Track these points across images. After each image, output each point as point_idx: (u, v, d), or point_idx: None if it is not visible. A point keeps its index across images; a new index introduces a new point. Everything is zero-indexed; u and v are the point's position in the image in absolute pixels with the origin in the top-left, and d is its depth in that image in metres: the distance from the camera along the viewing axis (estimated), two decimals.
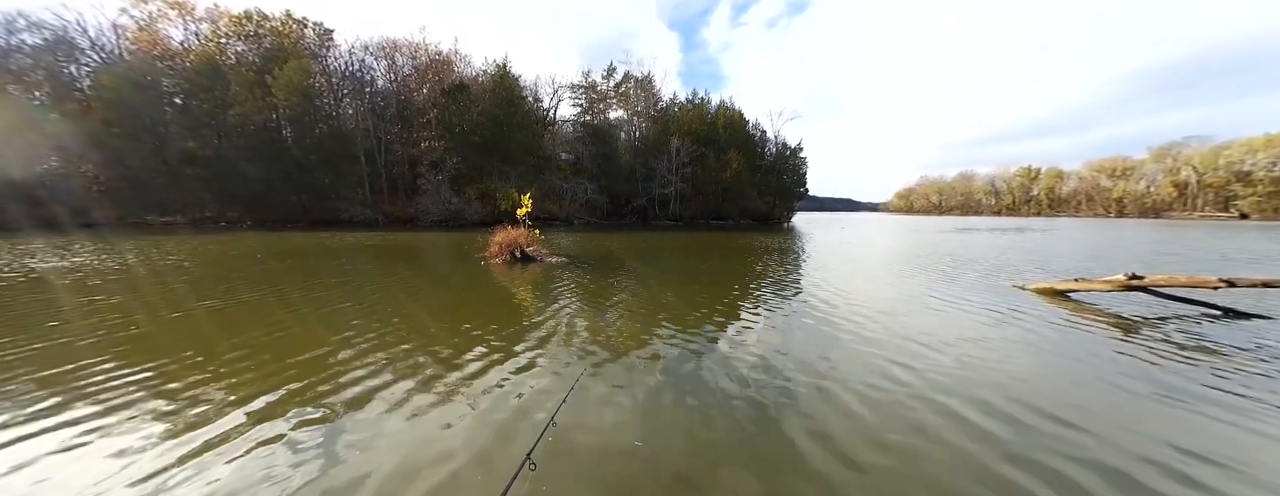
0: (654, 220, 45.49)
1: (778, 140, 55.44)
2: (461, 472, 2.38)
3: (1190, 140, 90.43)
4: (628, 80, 48.98)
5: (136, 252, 12.93)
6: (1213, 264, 11.67)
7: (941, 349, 4.52)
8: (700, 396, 3.38)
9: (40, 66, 32.27)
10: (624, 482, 2.32)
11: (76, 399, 3.23)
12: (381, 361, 4.07)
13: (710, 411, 3.13)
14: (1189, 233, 27.30)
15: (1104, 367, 4.05)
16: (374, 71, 40.44)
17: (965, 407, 3.19)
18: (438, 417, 3.01)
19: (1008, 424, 2.96)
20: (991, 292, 7.69)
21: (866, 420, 3.00)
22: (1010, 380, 3.72)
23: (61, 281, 8.14)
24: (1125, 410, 3.20)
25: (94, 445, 2.64)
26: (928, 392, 3.44)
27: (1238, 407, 3.22)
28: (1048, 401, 3.30)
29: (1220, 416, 3.09)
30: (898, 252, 15.19)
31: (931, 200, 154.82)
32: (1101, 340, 4.91)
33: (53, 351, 4.26)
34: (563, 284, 8.37)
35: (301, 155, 36.08)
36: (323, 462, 2.47)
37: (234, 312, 5.93)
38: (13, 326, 5.10)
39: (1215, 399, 3.37)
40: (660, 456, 2.56)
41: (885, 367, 3.99)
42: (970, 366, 4.03)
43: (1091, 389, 3.57)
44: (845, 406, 3.21)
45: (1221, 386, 3.59)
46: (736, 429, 2.89)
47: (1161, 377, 3.80)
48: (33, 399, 3.22)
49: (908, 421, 2.97)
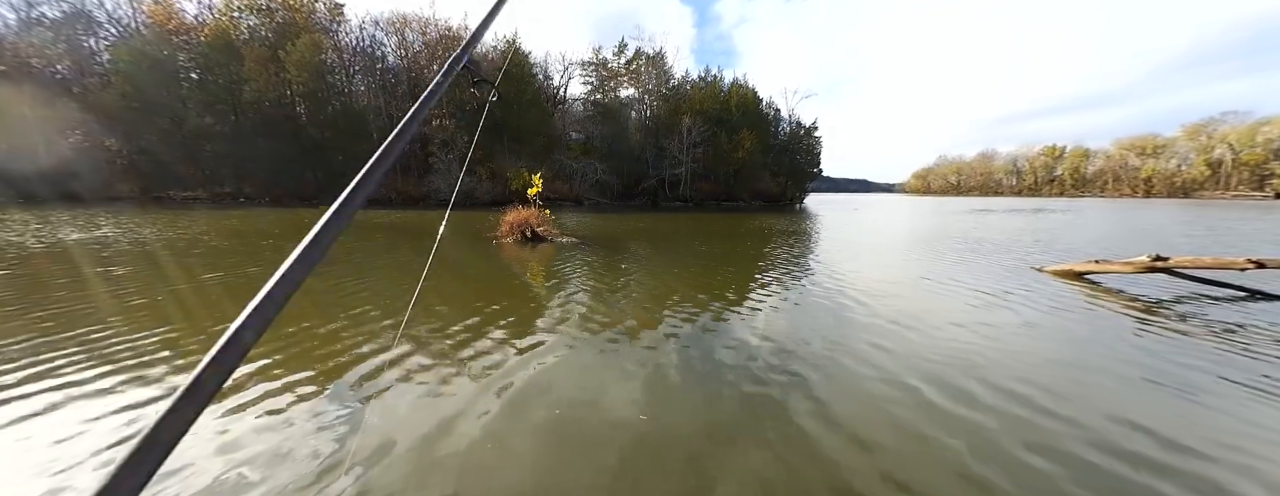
0: (664, 201, 45.21)
1: (791, 119, 54.28)
2: (475, 446, 2.45)
3: (1227, 116, 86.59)
4: (639, 57, 47.98)
5: (155, 227, 13.25)
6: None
7: (955, 333, 4.49)
8: (708, 374, 3.41)
9: (61, 40, 32.62)
10: (630, 456, 2.37)
11: (86, 365, 3.37)
12: (394, 336, 4.17)
13: (717, 389, 3.16)
14: (1218, 212, 26.40)
15: (1125, 352, 3.99)
16: (385, 47, 40.18)
17: (979, 390, 3.17)
18: (449, 392, 3.09)
19: (1021, 407, 2.95)
20: (1008, 275, 7.56)
21: (877, 402, 3.00)
22: (1026, 363, 3.69)
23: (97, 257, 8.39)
24: (1146, 396, 3.16)
25: (105, 409, 2.76)
26: (942, 376, 3.42)
27: (1267, 392, 3.16)
28: (1065, 386, 3.28)
29: (1247, 401, 3.04)
30: (913, 235, 14.96)
31: (950, 180, 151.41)
32: (1123, 323, 4.82)
33: (70, 320, 4.43)
34: (573, 264, 8.42)
35: (316, 132, 36.30)
36: (334, 437, 2.54)
37: (250, 287, 6.08)
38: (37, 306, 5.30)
39: (1243, 382, 3.31)
40: (666, 432, 2.60)
41: (897, 352, 3.97)
42: (985, 350, 3.99)
43: (1111, 373, 3.53)
44: (855, 388, 3.21)
45: (1249, 370, 3.52)
46: (744, 407, 2.92)
47: (1185, 361, 3.73)
48: (48, 362, 3.37)
49: (920, 404, 2.97)
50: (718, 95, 47.55)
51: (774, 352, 3.85)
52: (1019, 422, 2.72)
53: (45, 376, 3.16)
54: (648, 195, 45.52)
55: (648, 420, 2.71)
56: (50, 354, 3.54)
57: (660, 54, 48.46)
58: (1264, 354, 3.88)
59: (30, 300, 5.11)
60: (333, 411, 2.76)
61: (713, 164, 45.39)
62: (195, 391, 0.47)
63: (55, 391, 2.94)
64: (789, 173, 51.61)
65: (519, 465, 2.26)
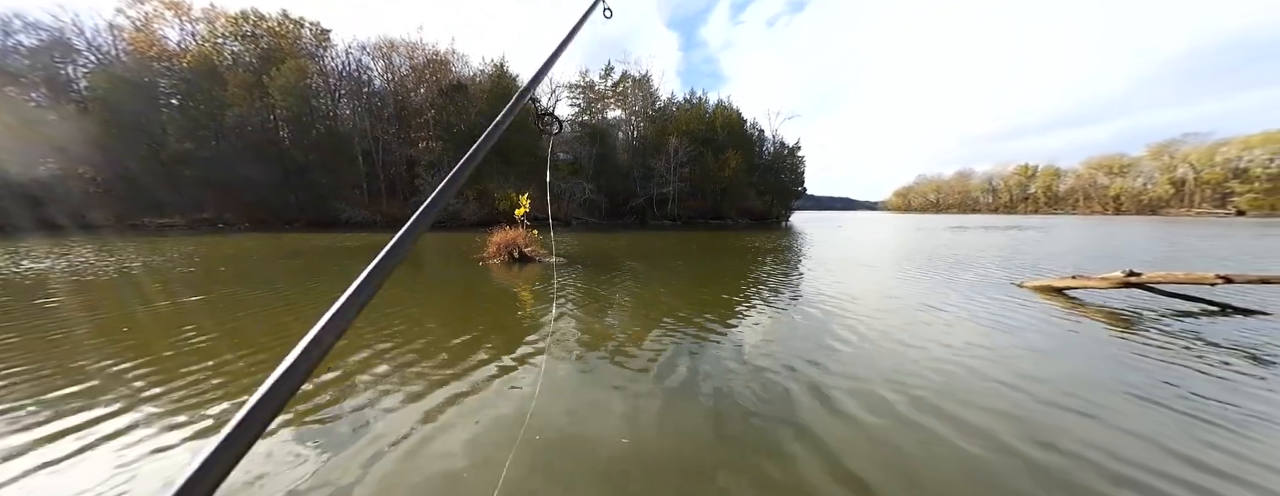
0: (652, 220, 45.50)
1: (775, 139, 55.61)
2: (458, 466, 2.38)
3: (1188, 137, 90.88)
4: (625, 80, 49.02)
5: (116, 256, 12.87)
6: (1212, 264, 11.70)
7: (938, 348, 4.53)
8: (693, 396, 3.38)
9: (37, 67, 32.21)
10: (612, 479, 2.32)
11: (75, 395, 3.22)
12: (380, 358, 4.07)
13: (703, 411, 3.13)
14: (1181, 230, 27.37)
15: (1102, 365, 4.06)
16: (371, 71, 40.45)
17: (962, 408, 3.18)
18: (435, 413, 3.01)
19: (1006, 424, 2.96)
20: (988, 290, 7.70)
21: (861, 422, 2.99)
22: (1009, 379, 3.73)
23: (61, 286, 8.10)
24: (1121, 407, 3.20)
25: (101, 440, 2.63)
26: (924, 393, 3.43)
27: (1233, 404, 3.23)
28: (1046, 400, 3.31)
29: (1217, 413, 3.09)
30: (895, 251, 15.21)
31: (929, 198, 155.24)
32: (1100, 337, 4.92)
33: (52, 351, 4.24)
34: (560, 284, 8.36)
35: (299, 156, 36.03)
36: (321, 458, 2.47)
37: (234, 313, 5.91)
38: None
39: (1212, 395, 3.37)
40: (650, 455, 2.55)
41: (881, 368, 3.99)
42: (968, 366, 4.03)
43: (1089, 386, 3.58)
44: (839, 407, 3.20)
45: (1218, 383, 3.60)
46: (729, 430, 2.88)
47: (1157, 374, 3.80)
48: (36, 398, 3.21)
49: (903, 423, 2.97)
50: (703, 116, 48.60)
51: (759, 371, 3.82)
52: (1005, 441, 2.73)
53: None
54: (636, 214, 45.80)
55: (627, 439, 2.66)
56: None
57: (646, 77, 49.63)
58: (1232, 367, 3.98)
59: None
60: (310, 435, 2.66)
61: (700, 183, 46.02)
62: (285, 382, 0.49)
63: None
64: (774, 191, 52.51)
65: (492, 484, 2.19)
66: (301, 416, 3.01)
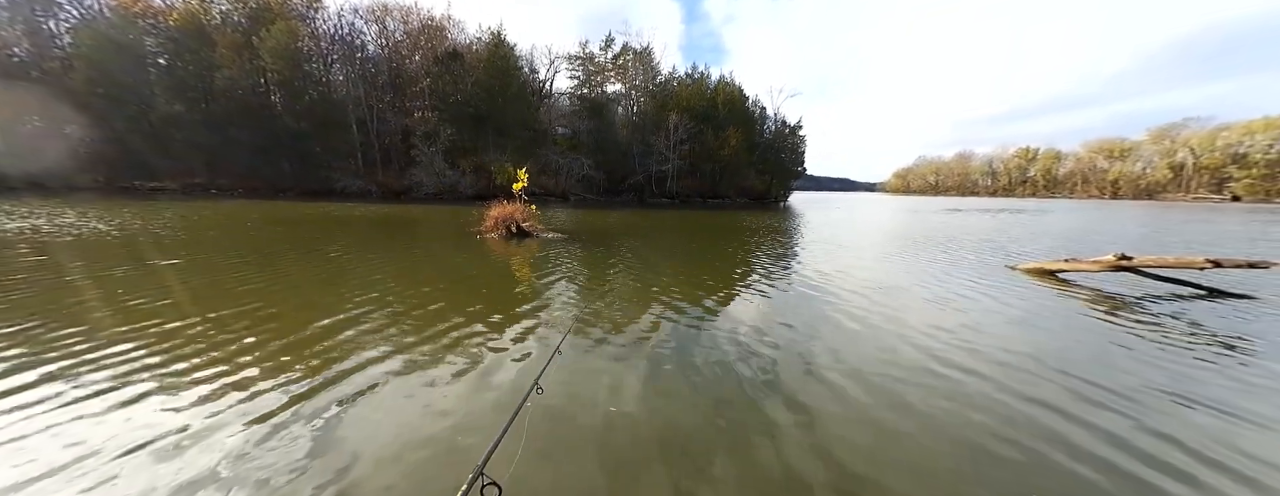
0: (650, 198, 45.24)
1: (777, 118, 54.68)
2: (457, 436, 2.45)
3: (1189, 122, 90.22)
4: (626, 52, 47.74)
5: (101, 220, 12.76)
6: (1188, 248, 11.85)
7: (932, 328, 4.61)
8: (688, 369, 3.45)
9: (17, 20, 31.01)
10: (605, 450, 2.39)
11: (66, 367, 3.26)
12: (383, 330, 4.11)
13: (698, 384, 3.20)
14: (1171, 215, 27.55)
15: (1092, 347, 4.16)
16: (364, 36, 39.20)
17: (955, 386, 3.28)
18: (440, 379, 3.08)
19: (996, 402, 3.05)
20: (983, 272, 7.79)
21: (852, 398, 3.07)
22: (1001, 359, 3.82)
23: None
24: (1108, 388, 3.30)
25: (89, 410, 2.68)
26: (917, 372, 3.52)
27: (1219, 385, 3.34)
28: (1037, 381, 3.40)
29: (1202, 394, 3.20)
30: (893, 233, 15.28)
31: (928, 180, 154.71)
32: (1090, 319, 5.02)
33: (42, 322, 4.26)
34: (558, 259, 8.39)
35: (292, 122, 35.29)
36: (322, 432, 2.51)
37: (235, 285, 5.92)
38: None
39: (1198, 377, 3.48)
40: (643, 426, 2.62)
41: (874, 346, 4.07)
42: (960, 346, 4.11)
43: (1080, 368, 3.67)
44: (831, 382, 3.29)
45: (1203, 365, 3.71)
46: (722, 402, 2.96)
47: (1145, 357, 3.90)
48: (21, 366, 3.25)
49: (896, 400, 3.04)
50: (704, 93, 47.65)
51: (754, 347, 3.90)
52: (994, 419, 2.82)
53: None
54: (634, 191, 45.50)
55: (613, 408, 2.74)
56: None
57: (648, 50, 48.33)
58: (1219, 349, 4.09)
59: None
60: (311, 408, 2.72)
61: (699, 161, 45.56)
62: None
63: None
64: (774, 171, 52.07)
65: (483, 451, 2.27)
66: (303, 386, 3.07)
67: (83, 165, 30.48)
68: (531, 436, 2.36)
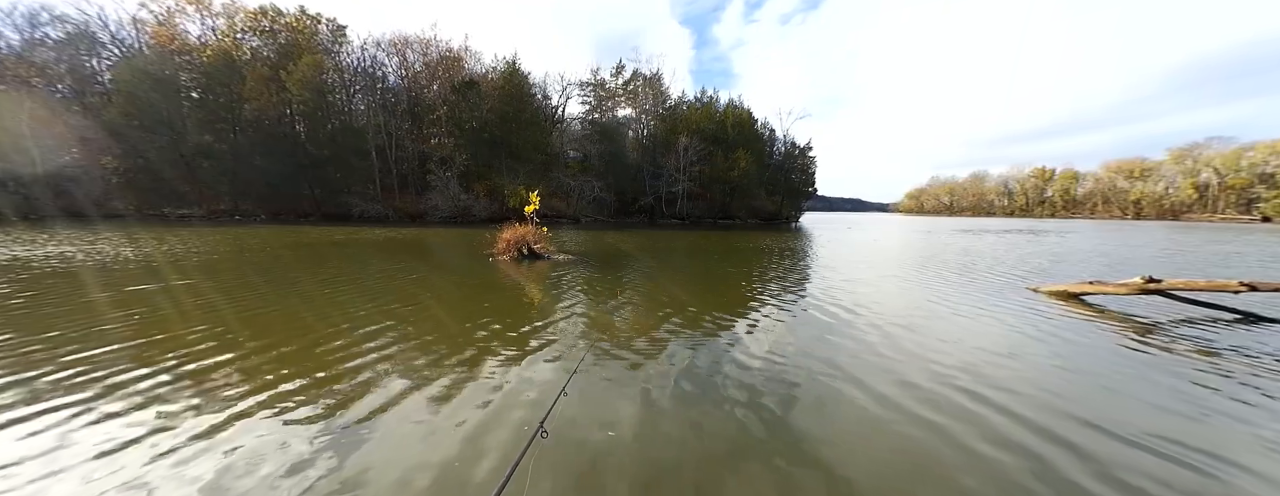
0: (661, 219, 45.39)
1: (786, 139, 54.99)
2: (469, 457, 2.40)
3: (1212, 141, 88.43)
4: (636, 78, 48.84)
5: (133, 246, 13.15)
6: None
7: (951, 353, 4.46)
8: (700, 393, 3.37)
9: (63, 60, 32.94)
10: (614, 474, 2.33)
11: (81, 383, 3.29)
12: (393, 352, 4.11)
13: (708, 408, 3.12)
14: (1199, 236, 26.71)
15: (1119, 373, 3.98)
16: (386, 68, 40.78)
17: (974, 415, 3.14)
18: (447, 405, 3.05)
19: (1015, 429, 2.91)
20: (1003, 295, 7.58)
21: (869, 423, 2.96)
22: (1022, 384, 3.66)
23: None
24: (1139, 415, 3.13)
25: (105, 434, 2.69)
26: (937, 401, 3.39)
27: (1256, 415, 3.14)
28: (1060, 407, 3.25)
29: (1238, 424, 3.01)
30: (907, 254, 15.03)
31: (942, 201, 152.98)
32: (1118, 345, 4.82)
33: (63, 339, 4.35)
34: (569, 281, 8.39)
35: (314, 150, 36.50)
36: (325, 456, 2.49)
37: (253, 304, 6.01)
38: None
39: (1228, 409, 3.29)
40: (650, 469, 2.54)
41: (892, 372, 3.94)
42: (981, 371, 3.96)
43: (1106, 394, 3.51)
44: (847, 407, 3.18)
45: (1240, 393, 3.51)
46: (735, 427, 2.88)
47: (1176, 383, 3.72)
48: (37, 386, 3.29)
49: (914, 431, 2.92)
50: (714, 115, 48.25)
51: (767, 372, 3.80)
52: (1013, 447, 2.68)
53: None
54: (645, 212, 45.72)
55: (612, 433, 2.66)
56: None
57: (657, 75, 49.40)
58: (1256, 376, 3.87)
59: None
60: (327, 425, 2.69)
61: (709, 182, 45.75)
62: None
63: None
64: (784, 191, 52.05)
65: (503, 472, 2.20)
66: (318, 410, 3.06)
67: (114, 193, 31.73)
68: (536, 476, 2.29)
